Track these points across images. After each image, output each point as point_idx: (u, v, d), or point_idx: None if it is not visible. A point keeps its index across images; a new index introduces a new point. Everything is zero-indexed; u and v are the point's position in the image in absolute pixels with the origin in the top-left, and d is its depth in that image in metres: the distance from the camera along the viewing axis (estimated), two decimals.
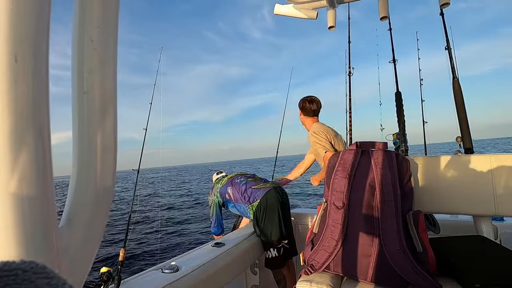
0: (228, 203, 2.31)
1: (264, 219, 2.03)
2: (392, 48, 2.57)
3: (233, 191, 2.23)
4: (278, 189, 2.17)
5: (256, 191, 2.13)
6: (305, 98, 2.18)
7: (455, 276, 1.14)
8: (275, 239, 2.00)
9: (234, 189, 2.23)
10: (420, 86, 3.44)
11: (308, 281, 1.21)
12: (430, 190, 1.53)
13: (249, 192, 2.15)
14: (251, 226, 2.18)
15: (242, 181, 2.24)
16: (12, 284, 0.14)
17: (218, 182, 2.37)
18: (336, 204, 1.30)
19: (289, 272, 2.11)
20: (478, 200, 1.43)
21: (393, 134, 2.36)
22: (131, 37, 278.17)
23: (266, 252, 2.03)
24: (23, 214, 0.25)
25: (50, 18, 0.27)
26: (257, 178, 2.30)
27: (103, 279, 1.19)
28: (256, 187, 2.16)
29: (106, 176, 0.36)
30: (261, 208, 2.05)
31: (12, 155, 0.24)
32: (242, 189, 2.19)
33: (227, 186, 2.27)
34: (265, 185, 2.17)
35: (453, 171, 1.50)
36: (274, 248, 2.00)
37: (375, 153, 1.33)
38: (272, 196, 2.08)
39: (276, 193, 2.11)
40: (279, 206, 2.06)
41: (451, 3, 1.52)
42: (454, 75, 1.90)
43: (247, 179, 2.25)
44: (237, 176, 2.33)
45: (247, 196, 2.15)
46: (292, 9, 1.90)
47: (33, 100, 0.25)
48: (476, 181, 1.45)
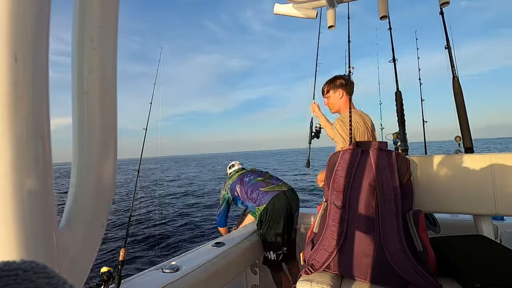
0: (237, 200, 2.30)
1: (268, 224, 1.99)
2: (392, 47, 2.57)
3: (241, 190, 2.20)
4: (288, 192, 2.08)
5: (264, 194, 2.06)
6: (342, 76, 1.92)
7: (455, 275, 1.14)
8: (276, 245, 1.98)
9: (242, 188, 2.19)
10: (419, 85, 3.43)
11: (308, 280, 1.21)
12: (430, 189, 1.53)
13: (255, 194, 2.09)
14: (251, 226, 2.19)
15: (251, 180, 2.19)
16: (13, 284, 0.14)
17: (230, 178, 2.35)
18: (336, 204, 1.30)
19: (289, 274, 2.09)
20: (478, 199, 1.43)
21: (393, 133, 2.36)
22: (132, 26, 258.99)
23: (265, 253, 2.03)
24: (23, 214, 0.25)
25: (50, 18, 0.27)
26: (267, 178, 2.22)
27: (104, 279, 1.19)
28: (264, 189, 2.09)
29: (106, 176, 0.36)
30: (267, 213, 2.00)
31: (12, 155, 0.24)
32: (249, 190, 2.14)
33: (236, 184, 2.25)
34: (273, 188, 2.09)
35: (453, 170, 1.50)
36: (274, 252, 1.98)
37: (375, 152, 1.33)
38: (279, 202, 2.01)
39: (285, 199, 2.03)
40: (286, 212, 2.00)
41: (451, 2, 1.52)
42: (454, 74, 1.90)
43: (255, 179, 2.18)
44: (247, 174, 2.28)
45: (254, 198, 2.10)
46: (291, 8, 1.90)
47: (33, 100, 0.25)
48: (476, 180, 1.45)
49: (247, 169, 2.43)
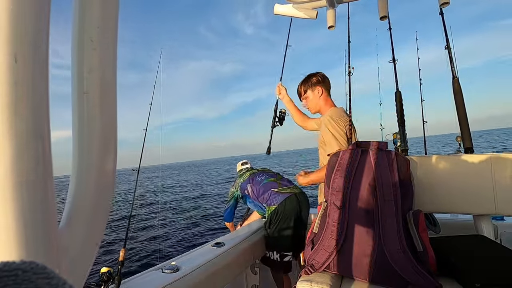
0: (247, 198, 2.31)
1: (277, 224, 1.99)
2: (392, 47, 2.57)
3: (252, 189, 2.20)
4: (299, 196, 2.07)
5: (276, 195, 2.07)
6: (316, 73, 1.85)
7: (455, 275, 1.14)
8: (280, 246, 1.97)
9: (254, 187, 2.19)
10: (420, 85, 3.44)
11: (308, 281, 1.21)
12: (430, 189, 1.53)
13: (267, 194, 2.10)
14: (251, 226, 2.18)
15: (263, 180, 2.19)
16: (12, 284, 0.14)
17: (240, 176, 2.36)
18: (336, 204, 1.30)
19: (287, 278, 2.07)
20: (478, 199, 1.43)
21: (393, 133, 2.36)
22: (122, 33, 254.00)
23: (267, 252, 2.01)
24: (23, 214, 0.25)
25: (50, 18, 0.27)
26: (279, 179, 2.22)
27: (103, 279, 1.19)
28: (276, 190, 2.09)
29: (106, 176, 0.36)
30: (277, 213, 2.00)
31: (12, 155, 0.24)
32: (261, 190, 2.14)
33: (247, 182, 2.25)
34: (285, 190, 2.09)
35: (453, 170, 1.50)
36: (277, 253, 1.97)
37: (375, 152, 1.33)
38: (290, 204, 2.01)
39: (296, 201, 2.03)
40: (296, 215, 2.00)
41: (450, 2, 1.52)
42: (454, 74, 1.90)
43: (268, 179, 2.19)
44: (259, 173, 2.28)
45: (266, 198, 2.10)
46: (291, 8, 1.90)
47: (33, 101, 0.25)
48: (476, 180, 1.45)
49: (258, 168, 2.43)
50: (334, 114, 1.69)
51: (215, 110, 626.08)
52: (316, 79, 1.82)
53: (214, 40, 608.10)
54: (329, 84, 1.84)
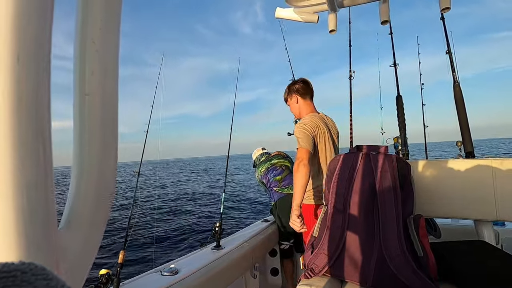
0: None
1: (278, 217, 2.33)
2: (393, 52, 2.58)
3: (266, 183, 2.51)
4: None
5: (274, 193, 2.41)
6: (295, 80, 1.89)
7: (456, 281, 1.13)
8: (286, 235, 2.29)
9: (267, 182, 2.50)
10: (421, 90, 3.44)
11: (307, 285, 1.21)
12: (431, 194, 1.52)
13: (270, 191, 2.46)
14: (250, 229, 2.19)
15: (271, 177, 2.48)
16: (11, 285, 0.14)
17: (258, 168, 2.60)
18: (336, 208, 1.30)
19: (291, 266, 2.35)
20: (479, 204, 1.43)
21: (394, 137, 2.36)
22: None
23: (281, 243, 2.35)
24: (23, 215, 0.25)
25: (52, 18, 0.27)
26: (283, 177, 2.47)
27: (102, 281, 1.19)
28: (276, 189, 2.41)
29: (106, 178, 0.36)
30: (276, 208, 2.36)
31: (12, 155, 0.24)
32: (270, 185, 2.47)
33: (263, 178, 2.54)
34: (282, 190, 2.38)
35: (454, 175, 1.50)
36: (285, 241, 2.32)
37: (375, 156, 1.33)
38: (283, 203, 2.29)
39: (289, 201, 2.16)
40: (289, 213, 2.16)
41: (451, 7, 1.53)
42: (455, 79, 1.90)
43: (274, 178, 2.46)
44: (271, 169, 2.51)
45: (270, 194, 2.48)
46: (293, 13, 1.91)
47: (35, 100, 0.25)
48: (477, 185, 1.44)
49: (273, 157, 2.61)
50: (302, 120, 1.75)
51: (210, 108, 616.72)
52: (294, 87, 1.86)
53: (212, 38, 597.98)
54: (309, 90, 1.85)
